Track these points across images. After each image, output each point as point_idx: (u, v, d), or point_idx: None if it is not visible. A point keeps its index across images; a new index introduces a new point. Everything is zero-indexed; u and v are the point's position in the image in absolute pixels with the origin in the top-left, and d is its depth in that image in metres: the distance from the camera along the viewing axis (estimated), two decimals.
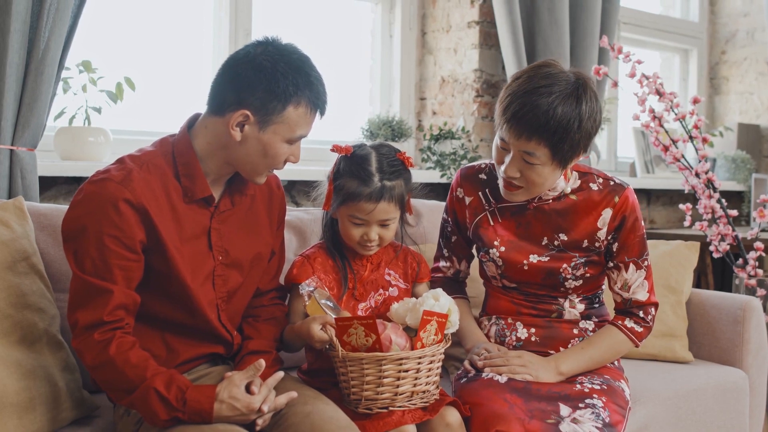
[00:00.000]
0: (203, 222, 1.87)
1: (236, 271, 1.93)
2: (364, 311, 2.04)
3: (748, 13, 4.87)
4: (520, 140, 1.92)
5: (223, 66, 1.83)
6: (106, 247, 1.70)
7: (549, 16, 3.41)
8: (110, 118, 2.79)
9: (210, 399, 1.70)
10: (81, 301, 1.72)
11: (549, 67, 1.96)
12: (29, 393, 1.79)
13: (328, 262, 2.05)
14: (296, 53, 1.83)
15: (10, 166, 2.28)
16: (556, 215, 2.09)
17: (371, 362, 1.83)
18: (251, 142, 1.81)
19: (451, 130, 3.49)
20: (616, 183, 2.10)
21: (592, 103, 1.94)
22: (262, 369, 1.74)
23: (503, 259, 2.11)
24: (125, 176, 1.74)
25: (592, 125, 1.95)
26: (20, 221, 1.99)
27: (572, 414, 1.92)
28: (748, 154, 4.68)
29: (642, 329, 2.13)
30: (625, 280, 2.11)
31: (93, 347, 1.70)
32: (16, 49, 2.23)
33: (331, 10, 3.61)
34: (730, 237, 3.32)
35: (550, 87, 1.90)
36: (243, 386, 1.73)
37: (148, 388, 1.69)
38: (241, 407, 1.71)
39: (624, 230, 2.08)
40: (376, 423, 1.85)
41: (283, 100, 1.78)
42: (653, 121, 3.15)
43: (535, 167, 1.95)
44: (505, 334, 2.16)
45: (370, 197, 1.95)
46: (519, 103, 1.90)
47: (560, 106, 1.89)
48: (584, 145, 1.97)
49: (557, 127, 1.89)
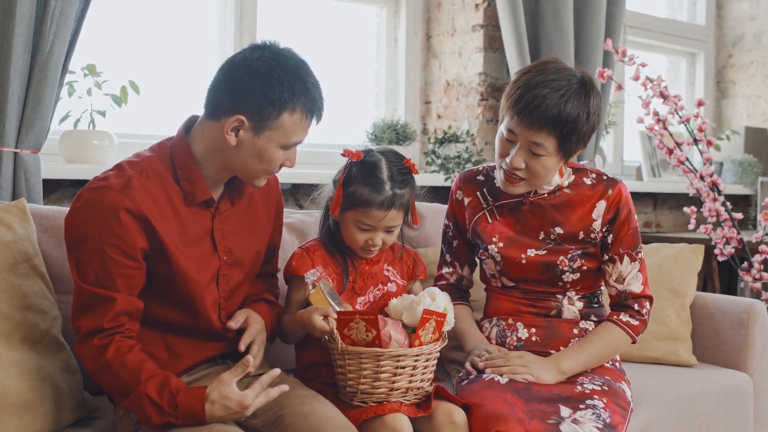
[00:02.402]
0: (205, 223, 1.88)
1: (238, 269, 1.95)
2: (362, 305, 2.06)
3: (755, 17, 4.86)
4: (531, 131, 1.98)
5: (219, 70, 1.84)
6: (107, 256, 1.72)
7: (553, 20, 3.41)
8: (115, 122, 2.81)
9: (201, 401, 1.70)
10: (84, 308, 1.74)
11: (556, 63, 2.05)
12: (30, 394, 1.80)
13: (328, 257, 2.07)
14: (293, 58, 1.82)
15: (14, 168, 2.30)
16: (552, 209, 2.14)
17: (370, 357, 1.86)
18: (246, 147, 1.80)
19: (456, 134, 3.50)
20: (608, 177, 2.16)
21: (597, 99, 2.03)
22: (249, 365, 1.73)
23: (501, 254, 2.15)
24: (125, 184, 1.74)
25: (596, 120, 2.04)
26: (22, 223, 2.00)
27: (573, 415, 1.92)
28: (755, 158, 4.66)
29: (638, 322, 2.15)
30: (620, 272, 2.14)
31: (92, 352, 1.72)
32: (20, 53, 2.25)
33: (336, 15, 3.62)
34: (735, 240, 3.31)
35: (560, 81, 1.98)
36: (233, 384, 1.72)
37: (140, 393, 1.70)
38: (234, 405, 1.71)
39: (618, 222, 2.13)
40: (367, 409, 1.88)
41: (278, 106, 1.77)
42: (657, 123, 3.14)
43: (541, 158, 2.01)
44: (505, 335, 2.17)
45: (381, 205, 1.97)
46: (532, 95, 1.96)
47: (571, 99, 1.97)
48: (588, 139, 2.05)
49: (568, 118, 1.96)
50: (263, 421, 1.86)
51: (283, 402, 1.86)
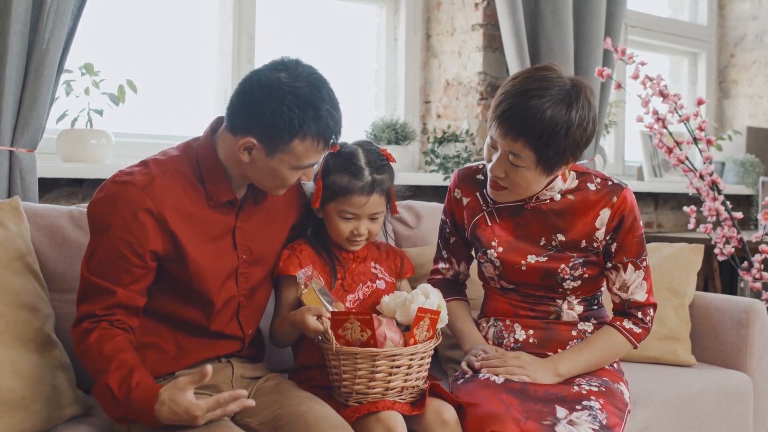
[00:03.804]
0: (228, 222, 1.91)
1: (259, 267, 1.97)
2: (352, 302, 2.06)
3: (757, 17, 4.84)
4: (506, 139, 1.93)
5: (241, 83, 1.84)
6: (118, 251, 1.75)
7: (552, 19, 3.40)
8: (112, 121, 2.80)
9: (152, 400, 1.66)
10: (85, 296, 1.78)
11: (547, 70, 1.96)
12: (22, 391, 1.80)
13: (315, 255, 2.06)
14: (308, 85, 1.79)
15: (9, 167, 2.30)
16: (554, 215, 2.08)
17: (365, 357, 1.85)
18: (260, 166, 1.83)
19: (455, 133, 3.49)
20: (614, 183, 2.10)
21: (583, 111, 1.93)
22: (209, 375, 1.65)
23: (501, 259, 2.10)
24: (148, 183, 1.78)
25: (581, 134, 1.94)
26: (16, 221, 2.00)
27: (569, 416, 1.90)
28: (757, 158, 4.65)
29: (640, 330, 2.12)
30: (624, 280, 2.10)
31: (79, 335, 1.76)
32: (16, 51, 2.24)
33: (336, 14, 3.61)
34: (735, 240, 3.29)
35: (542, 90, 1.90)
36: (187, 390, 1.66)
37: (104, 383, 1.70)
38: (181, 412, 1.65)
39: (622, 230, 2.07)
40: (361, 407, 1.87)
41: (288, 133, 1.78)
42: (657, 122, 3.13)
43: (520, 170, 1.96)
44: (503, 335, 2.15)
45: (362, 190, 1.99)
46: (509, 103, 1.91)
47: (549, 110, 1.89)
48: (572, 154, 1.96)
49: (543, 130, 1.89)
50: (260, 420, 1.86)
51: (280, 401, 1.88)
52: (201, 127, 1.95)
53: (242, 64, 3.17)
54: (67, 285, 2.08)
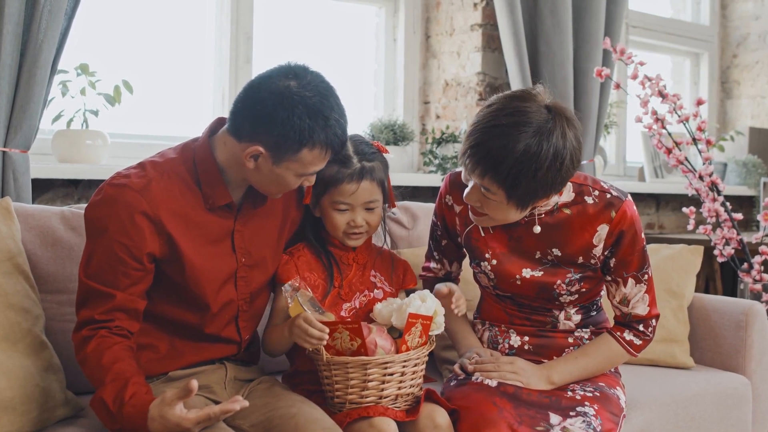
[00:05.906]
0: (227, 225, 1.90)
1: (259, 271, 1.96)
2: (348, 312, 2.03)
3: (759, 16, 4.81)
4: (474, 174, 1.84)
5: (246, 88, 1.82)
6: (115, 254, 1.75)
7: (552, 19, 3.38)
8: (108, 122, 2.80)
9: (143, 415, 1.66)
10: (84, 300, 1.78)
11: (523, 100, 1.83)
12: (10, 393, 1.78)
13: (314, 260, 2.04)
14: (317, 94, 1.78)
15: (2, 167, 2.29)
16: (550, 230, 1.99)
17: (356, 366, 1.83)
18: (264, 173, 1.82)
19: (454, 134, 3.47)
20: (612, 195, 1.98)
21: (558, 145, 1.79)
22: (195, 390, 1.63)
23: (495, 272, 2.04)
24: (145, 185, 1.78)
25: (556, 170, 1.81)
26: (6, 221, 1.99)
27: (562, 422, 1.88)
28: (759, 159, 4.62)
29: (641, 342, 2.07)
30: (624, 294, 2.03)
31: (78, 342, 1.76)
32: (9, 51, 2.24)
33: (335, 14, 3.60)
34: (735, 241, 3.27)
35: (511, 128, 1.78)
36: (175, 405, 1.64)
37: (99, 397, 1.70)
38: (172, 426, 1.65)
39: (622, 246, 1.98)
40: (352, 412, 1.86)
41: (297, 143, 1.77)
42: (656, 123, 3.11)
43: (491, 202, 1.87)
44: (497, 340, 2.12)
45: (351, 177, 1.97)
46: (476, 138, 1.81)
47: (518, 147, 1.77)
48: (544, 190, 1.85)
49: (510, 170, 1.78)
50: (251, 422, 1.86)
51: (272, 404, 1.88)
52: (197, 128, 1.94)
53: (240, 65, 3.16)
54: (59, 286, 2.08)
